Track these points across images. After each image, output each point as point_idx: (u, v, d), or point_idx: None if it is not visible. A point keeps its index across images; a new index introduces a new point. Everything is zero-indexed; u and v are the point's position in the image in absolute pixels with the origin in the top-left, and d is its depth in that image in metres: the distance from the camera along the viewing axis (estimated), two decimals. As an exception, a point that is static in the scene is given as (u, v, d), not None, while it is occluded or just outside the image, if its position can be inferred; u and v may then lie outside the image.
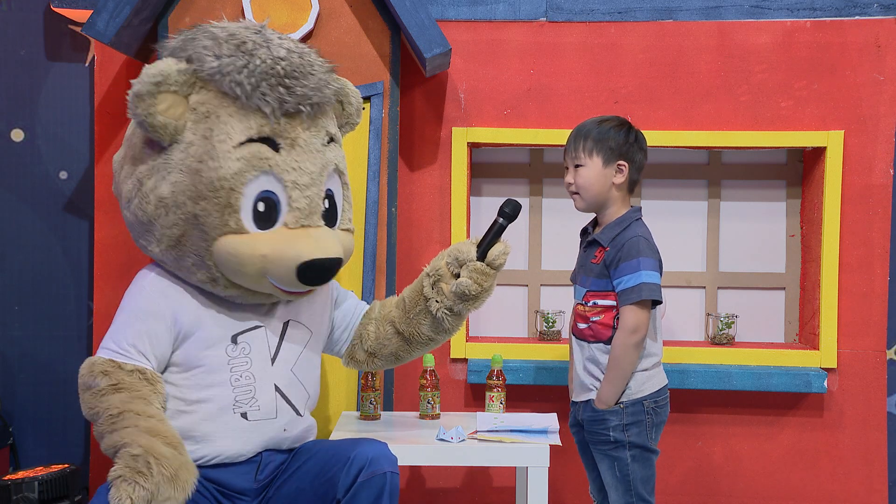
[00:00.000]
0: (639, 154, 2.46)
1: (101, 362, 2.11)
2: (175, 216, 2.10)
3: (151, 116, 2.04)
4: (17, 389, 3.21)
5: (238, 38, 2.10)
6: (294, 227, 2.12)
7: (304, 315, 2.32)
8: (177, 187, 2.09)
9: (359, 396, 2.86)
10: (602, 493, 2.54)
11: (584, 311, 2.46)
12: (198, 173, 2.07)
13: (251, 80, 2.07)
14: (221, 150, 2.07)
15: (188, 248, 2.12)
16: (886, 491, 3.05)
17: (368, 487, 2.10)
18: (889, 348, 3.06)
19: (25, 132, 3.19)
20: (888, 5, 2.99)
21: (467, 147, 3.07)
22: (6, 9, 3.18)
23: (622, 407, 2.39)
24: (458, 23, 3.06)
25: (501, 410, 2.80)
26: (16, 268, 3.21)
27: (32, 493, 2.74)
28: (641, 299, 2.33)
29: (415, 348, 2.44)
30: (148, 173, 2.12)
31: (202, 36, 2.13)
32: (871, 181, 3.02)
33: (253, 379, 2.18)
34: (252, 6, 2.82)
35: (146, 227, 2.15)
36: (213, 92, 2.09)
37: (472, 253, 2.30)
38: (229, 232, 2.09)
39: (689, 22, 3.04)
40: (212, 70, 2.07)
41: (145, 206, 2.13)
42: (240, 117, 2.08)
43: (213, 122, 2.08)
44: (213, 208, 2.07)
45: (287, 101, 2.09)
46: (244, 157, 2.08)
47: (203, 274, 2.14)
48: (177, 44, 2.15)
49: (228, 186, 2.06)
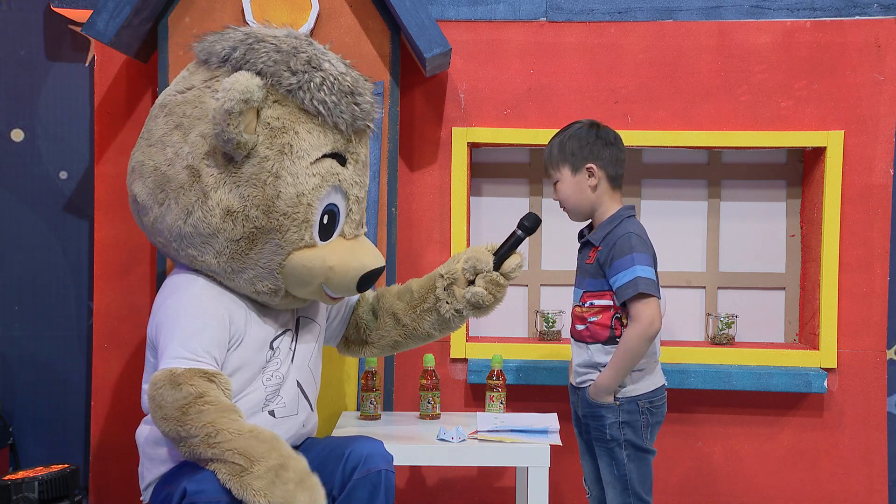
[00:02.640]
0: (605, 150, 2.43)
1: (182, 372, 1.99)
2: (244, 229, 2.11)
3: (240, 135, 2.04)
4: (17, 389, 3.21)
5: (303, 52, 2.10)
6: (350, 238, 2.20)
7: (311, 310, 2.37)
8: (248, 201, 2.09)
9: (359, 396, 2.86)
10: (598, 485, 2.54)
11: (581, 313, 2.45)
12: (274, 188, 2.08)
13: (332, 97, 2.09)
14: (301, 166, 2.09)
15: (255, 261, 2.13)
16: (886, 491, 3.05)
17: (364, 485, 2.13)
18: (889, 348, 3.06)
19: (25, 132, 3.19)
20: (888, 5, 2.99)
21: (467, 147, 3.07)
22: (6, 9, 3.18)
23: (618, 404, 2.39)
24: (458, 23, 3.06)
25: (501, 410, 2.80)
26: (16, 268, 3.21)
27: (32, 493, 2.74)
28: (639, 293, 2.33)
29: (412, 341, 2.48)
30: (215, 185, 2.11)
31: (262, 46, 2.10)
32: (871, 181, 3.01)
33: (281, 378, 2.22)
34: (252, 6, 2.82)
35: (206, 238, 2.14)
36: (290, 107, 2.09)
37: (491, 263, 2.33)
38: (304, 246, 2.13)
39: (689, 22, 3.04)
40: (291, 86, 2.08)
41: (210, 218, 2.11)
42: (318, 134, 2.11)
43: (291, 138, 2.09)
44: (292, 224, 2.10)
45: (359, 117, 2.14)
46: (319, 172, 2.11)
47: (265, 285, 2.16)
48: (233, 51, 2.12)
49: (307, 202, 2.10)
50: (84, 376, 3.20)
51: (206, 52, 2.17)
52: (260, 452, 1.93)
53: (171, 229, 2.17)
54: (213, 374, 2.02)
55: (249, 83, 2.02)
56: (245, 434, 1.95)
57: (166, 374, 2.00)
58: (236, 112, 2.00)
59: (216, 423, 1.94)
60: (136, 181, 2.23)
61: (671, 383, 2.97)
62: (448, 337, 3.06)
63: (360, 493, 2.12)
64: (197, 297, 2.16)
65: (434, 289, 2.39)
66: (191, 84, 2.20)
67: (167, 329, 2.09)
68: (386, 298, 2.48)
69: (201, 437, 1.94)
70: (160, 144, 2.19)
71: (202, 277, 2.20)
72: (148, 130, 2.25)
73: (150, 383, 2.01)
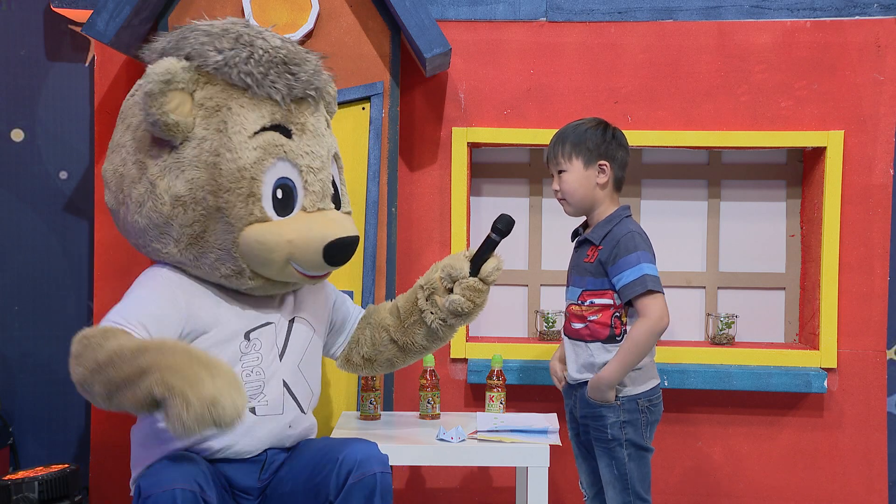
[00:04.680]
0: (619, 151, 2.45)
1: (101, 329, 1.97)
2: (195, 213, 2.10)
3: (165, 115, 2.05)
4: (17, 389, 3.21)
5: (232, 32, 2.13)
6: (312, 211, 2.16)
7: (308, 311, 2.34)
8: (194, 184, 2.09)
9: (359, 396, 2.86)
10: (594, 488, 2.54)
11: (580, 311, 2.45)
12: (216, 167, 2.08)
13: (259, 69, 2.10)
14: (238, 140, 2.09)
15: (211, 244, 2.13)
16: (886, 491, 3.05)
17: (359, 489, 2.11)
18: (889, 348, 3.06)
19: (25, 132, 3.19)
20: (888, 5, 2.99)
21: (467, 147, 3.07)
22: (6, 9, 3.18)
23: (619, 404, 2.39)
24: (458, 23, 3.06)
25: (501, 410, 2.80)
26: (16, 268, 3.21)
27: (32, 493, 2.74)
28: (648, 290, 2.33)
29: (409, 356, 2.49)
30: (160, 174, 2.12)
31: (193, 33, 2.13)
32: (871, 181, 3.02)
33: (263, 374, 2.19)
34: (252, 6, 2.82)
35: (162, 228, 2.14)
36: (220, 85, 2.11)
37: (465, 269, 2.33)
38: (254, 221, 2.11)
39: (689, 22, 3.04)
40: (217, 63, 2.09)
41: (160, 206, 2.12)
42: (251, 107, 2.11)
43: (224, 115, 2.09)
44: (237, 199, 2.09)
45: (295, 86, 2.14)
46: (260, 145, 2.10)
47: (228, 267, 2.15)
48: (168, 44, 2.15)
49: (250, 176, 2.09)
50: (84, 376, 3.20)
51: (149, 51, 2.19)
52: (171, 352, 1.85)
53: (133, 226, 2.19)
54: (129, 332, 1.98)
55: (171, 65, 2.04)
56: (152, 345, 1.89)
57: (85, 330, 1.99)
58: (157, 93, 2.02)
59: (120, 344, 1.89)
60: (106, 191, 2.26)
61: (671, 383, 2.97)
62: (448, 337, 3.07)
63: (357, 497, 2.11)
64: (154, 277, 2.17)
65: (416, 300, 2.40)
66: (138, 86, 2.23)
67: (119, 303, 2.09)
68: (378, 313, 2.49)
69: (109, 359, 1.88)
70: (117, 149, 2.22)
71: (167, 268, 2.20)
72: (111, 141, 2.28)
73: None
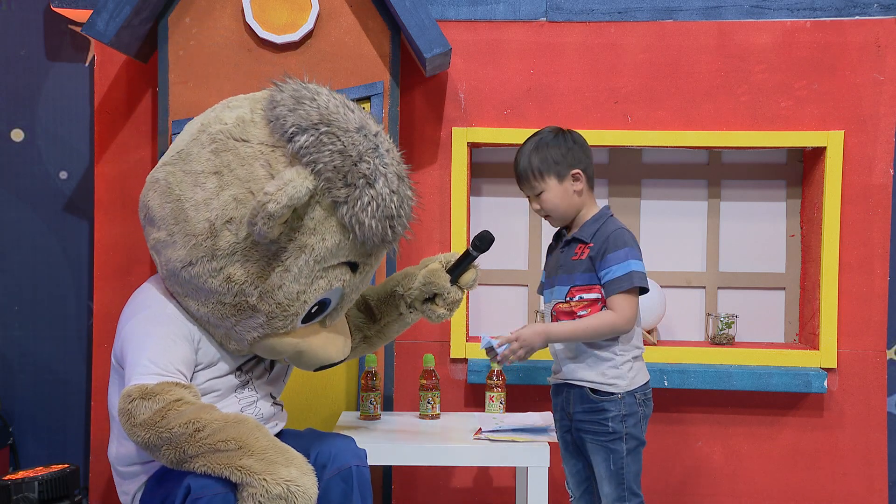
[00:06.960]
0: (582, 153, 2.47)
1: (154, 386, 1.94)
2: (236, 299, 2.07)
3: (272, 232, 1.97)
4: (17, 389, 3.21)
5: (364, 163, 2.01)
6: (327, 327, 2.21)
7: None
8: (251, 278, 2.05)
9: (359, 396, 2.86)
10: (581, 487, 2.53)
11: (569, 308, 2.45)
12: (280, 278, 2.05)
13: (372, 221, 2.03)
14: (314, 269, 2.06)
15: (231, 325, 2.11)
16: (886, 491, 3.05)
17: (336, 483, 2.15)
18: (889, 348, 3.06)
19: (25, 132, 3.19)
20: (888, 5, 2.99)
21: (467, 147, 3.07)
22: (6, 9, 3.18)
23: (620, 397, 2.40)
24: (458, 23, 3.06)
25: (501, 410, 2.80)
26: (16, 268, 3.21)
27: (32, 493, 2.74)
28: (633, 286, 2.36)
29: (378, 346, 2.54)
30: (226, 252, 2.04)
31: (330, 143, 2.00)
32: (871, 181, 3.01)
33: (255, 392, 2.24)
34: (252, 6, 2.82)
35: (197, 290, 2.09)
36: (328, 214, 2.03)
37: (448, 285, 2.37)
38: (284, 333, 2.13)
39: (689, 22, 3.04)
40: (338, 199, 2.01)
41: (209, 279, 2.05)
42: (343, 245, 2.06)
43: (315, 242, 2.03)
44: (282, 313, 2.09)
45: (388, 240, 2.10)
46: (328, 276, 2.09)
47: (233, 345, 2.16)
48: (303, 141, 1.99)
49: (304, 300, 2.08)
50: (84, 376, 3.20)
51: (276, 118, 2.04)
52: (249, 436, 1.92)
53: (167, 262, 2.11)
54: (186, 385, 1.99)
55: (300, 190, 1.93)
56: (231, 422, 1.94)
57: (138, 387, 1.94)
58: (278, 216, 1.94)
59: (199, 418, 1.92)
60: (155, 196, 2.12)
61: (671, 383, 2.98)
62: (448, 337, 3.07)
63: (334, 491, 2.14)
64: (167, 317, 2.12)
65: (397, 306, 2.43)
66: (248, 136, 2.05)
67: (135, 347, 2.03)
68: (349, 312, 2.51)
69: (187, 433, 1.90)
70: (193, 180, 2.07)
71: (172, 304, 2.16)
72: (187, 153, 2.10)
73: (122, 397, 1.95)
